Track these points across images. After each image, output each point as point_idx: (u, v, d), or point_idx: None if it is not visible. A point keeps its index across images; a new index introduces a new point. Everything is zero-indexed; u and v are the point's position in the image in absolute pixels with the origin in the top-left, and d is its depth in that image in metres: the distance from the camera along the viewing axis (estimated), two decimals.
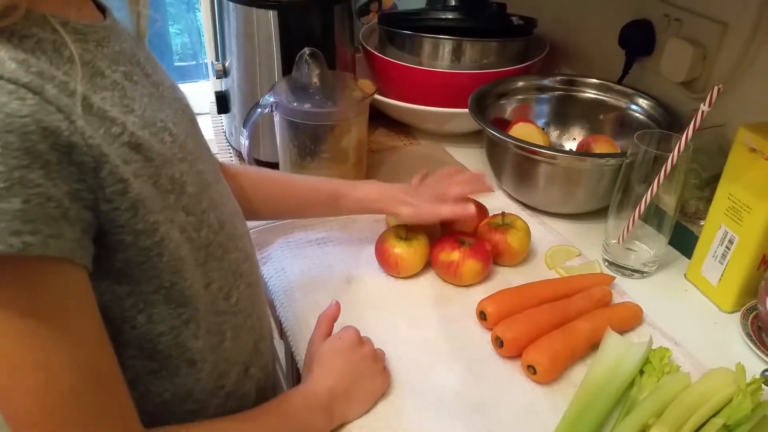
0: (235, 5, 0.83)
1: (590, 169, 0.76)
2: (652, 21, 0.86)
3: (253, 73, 0.88)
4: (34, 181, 0.33)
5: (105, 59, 0.41)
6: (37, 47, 0.36)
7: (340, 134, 0.82)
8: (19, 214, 0.32)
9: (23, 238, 0.32)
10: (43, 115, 0.33)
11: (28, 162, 0.32)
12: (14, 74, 0.33)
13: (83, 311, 0.38)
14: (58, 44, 0.37)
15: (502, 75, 0.93)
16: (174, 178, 0.43)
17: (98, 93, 0.39)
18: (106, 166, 0.37)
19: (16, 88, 0.33)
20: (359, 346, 0.57)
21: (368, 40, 1.05)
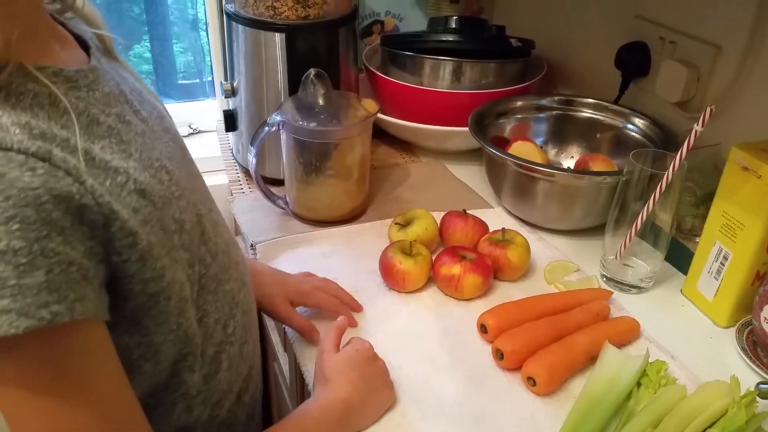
0: (244, 28, 0.86)
1: (587, 186, 0.78)
2: (647, 43, 0.89)
3: (260, 92, 0.90)
4: (54, 250, 0.33)
5: (98, 104, 0.41)
6: (35, 103, 0.36)
7: (344, 152, 0.85)
8: (44, 285, 0.33)
9: (51, 308, 0.33)
10: (54, 183, 0.34)
11: (46, 232, 0.33)
12: (22, 144, 0.33)
13: (107, 361, 0.39)
14: (53, 97, 0.37)
15: (501, 95, 0.96)
16: (175, 218, 0.43)
17: (97, 143, 0.39)
18: (116, 222, 0.37)
19: (26, 158, 0.33)
20: (374, 360, 0.59)
21: (371, 60, 1.07)
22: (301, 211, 0.87)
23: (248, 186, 0.98)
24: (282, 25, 0.84)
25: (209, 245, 0.49)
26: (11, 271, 0.32)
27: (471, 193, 0.94)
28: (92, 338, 0.37)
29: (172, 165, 0.46)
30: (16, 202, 0.32)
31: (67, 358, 0.36)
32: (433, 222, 0.80)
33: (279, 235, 0.84)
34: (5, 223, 0.32)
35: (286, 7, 0.83)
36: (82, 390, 0.37)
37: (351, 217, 0.87)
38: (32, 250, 0.32)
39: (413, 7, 1.16)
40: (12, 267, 0.32)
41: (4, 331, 0.32)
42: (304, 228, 0.86)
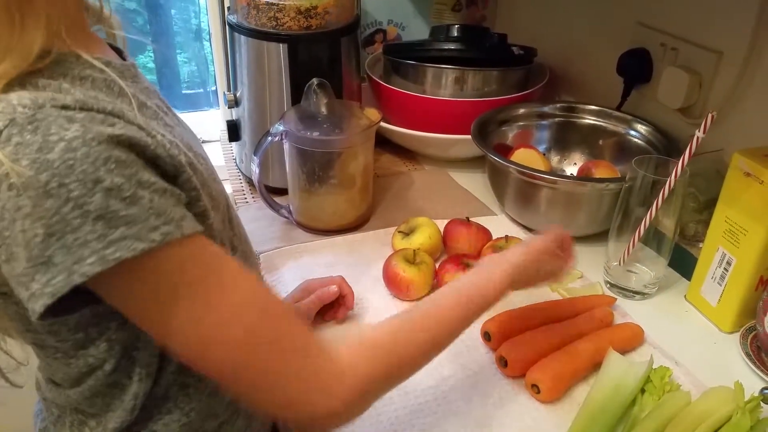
0: (247, 38, 0.87)
1: (590, 193, 0.79)
2: (649, 50, 0.89)
3: (264, 102, 0.91)
4: (149, 180, 0.37)
5: (142, 93, 0.46)
6: (94, 86, 0.41)
7: (347, 161, 0.85)
8: (151, 211, 0.37)
9: (161, 229, 0.37)
10: (133, 132, 0.38)
11: (137, 168, 0.37)
12: (100, 104, 0.38)
13: (228, 262, 0.41)
14: (108, 82, 0.42)
15: (503, 102, 0.96)
16: (213, 195, 0.47)
17: (150, 121, 0.43)
18: (183, 174, 0.41)
19: (105, 117, 0.37)
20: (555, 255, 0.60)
21: (373, 69, 1.08)
22: (305, 220, 0.88)
23: (252, 196, 0.98)
24: (284, 35, 0.85)
25: (236, 231, 0.53)
26: (120, 204, 0.36)
27: (474, 201, 0.94)
28: (207, 246, 0.41)
29: (203, 158, 0.50)
30: (108, 146, 0.36)
31: (199, 265, 0.39)
32: (436, 230, 0.80)
33: (282, 244, 0.84)
34: (104, 164, 0.35)
35: (288, 17, 0.84)
36: (219, 283, 0.40)
37: (354, 226, 0.88)
38: (131, 183, 0.36)
39: (415, 15, 1.16)
40: (119, 200, 0.36)
41: (124, 255, 0.36)
42: (308, 237, 0.86)
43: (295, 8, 0.84)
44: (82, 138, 0.35)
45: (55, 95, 0.37)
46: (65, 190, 0.34)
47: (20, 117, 0.35)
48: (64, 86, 0.39)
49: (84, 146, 0.35)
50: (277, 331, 0.41)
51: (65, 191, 0.34)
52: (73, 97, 0.37)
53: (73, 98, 0.37)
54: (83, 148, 0.35)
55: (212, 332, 0.39)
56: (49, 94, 0.37)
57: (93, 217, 0.35)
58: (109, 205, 0.35)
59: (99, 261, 0.35)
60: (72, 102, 0.37)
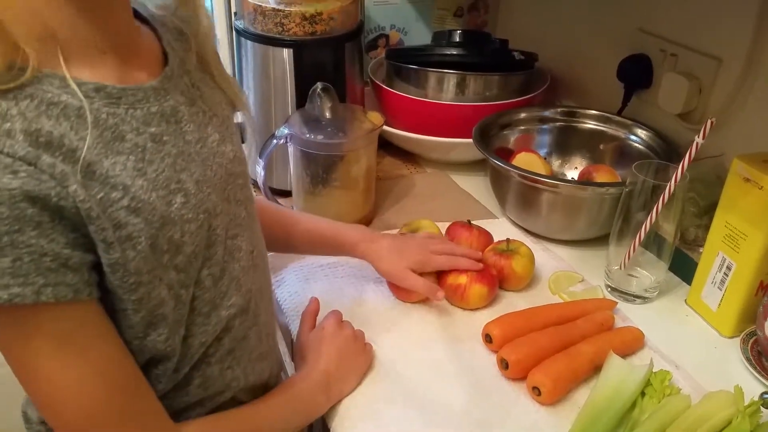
0: (253, 44, 0.88)
1: (591, 197, 0.79)
2: (649, 56, 0.90)
3: (269, 106, 0.92)
4: (25, 242, 0.37)
5: (133, 121, 0.43)
6: (62, 114, 0.39)
7: (350, 163, 0.86)
8: (8, 270, 0.37)
9: (11, 290, 0.37)
10: (33, 185, 0.37)
11: (18, 227, 0.36)
12: (13, 148, 0.36)
13: (98, 333, 0.42)
14: (83, 110, 0.40)
15: (504, 107, 0.97)
16: (173, 239, 0.44)
17: (110, 158, 0.41)
18: (91, 225, 0.39)
19: (12, 161, 0.36)
20: (340, 330, 0.65)
21: (376, 73, 1.09)
22: None
23: (256, 196, 0.99)
24: (290, 40, 0.86)
25: (213, 270, 0.49)
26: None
27: (475, 204, 0.95)
28: (79, 314, 0.41)
29: (198, 189, 0.47)
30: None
31: (54, 330, 0.40)
32: (438, 232, 0.81)
33: None
34: None
35: (293, 23, 0.85)
36: (73, 352, 0.41)
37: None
38: (1, 240, 0.36)
39: (417, 20, 1.17)
40: None
41: None
42: None
43: (301, 14, 0.85)
44: None
45: None
46: None
47: None
48: (12, 112, 0.37)
49: None
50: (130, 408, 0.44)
51: None
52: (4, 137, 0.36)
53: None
54: None
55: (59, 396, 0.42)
56: None
57: None
58: None
59: None
60: None
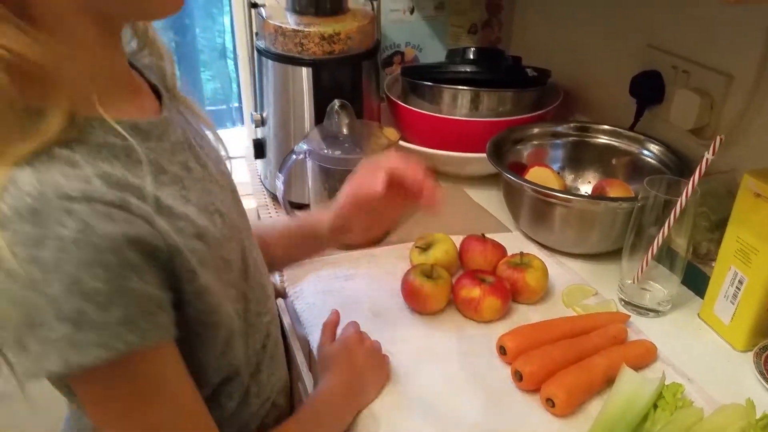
0: (274, 63, 0.91)
1: (604, 211, 0.81)
2: (661, 72, 0.91)
3: (288, 122, 0.94)
4: (130, 288, 0.38)
5: (165, 153, 0.45)
6: (112, 155, 0.40)
7: None
8: (120, 320, 0.37)
9: (127, 338, 0.38)
10: (131, 229, 0.38)
11: (125, 274, 0.37)
12: (104, 195, 0.37)
13: (181, 370, 0.44)
14: (128, 149, 0.41)
15: (518, 122, 0.99)
16: (224, 258, 0.47)
17: (163, 190, 0.42)
18: (178, 259, 0.41)
19: (107, 208, 0.37)
20: (361, 343, 0.66)
21: (392, 89, 1.11)
22: None
23: (275, 210, 1.02)
24: (309, 60, 0.89)
25: (250, 282, 0.53)
26: (93, 308, 0.36)
27: (489, 217, 0.97)
28: (167, 356, 0.42)
29: (225, 208, 0.50)
30: (98, 249, 0.36)
31: (145, 375, 0.41)
32: (452, 245, 0.82)
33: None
34: (89, 268, 0.36)
35: (313, 43, 0.88)
36: (160, 398, 0.42)
37: (373, 241, 0.90)
38: (111, 291, 0.37)
39: (432, 38, 1.20)
40: (94, 306, 0.36)
41: (90, 362, 0.37)
42: (328, 251, 0.89)
43: (320, 34, 0.88)
44: (77, 240, 0.36)
45: (59, 181, 0.36)
46: (47, 287, 0.35)
47: (22, 206, 0.35)
48: (76, 159, 0.38)
49: (75, 248, 0.35)
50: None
51: (47, 288, 0.35)
52: (79, 182, 0.37)
53: (79, 186, 0.37)
54: (74, 250, 0.35)
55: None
56: (54, 177, 0.36)
57: (64, 318, 0.36)
58: (83, 309, 0.36)
59: (62, 363, 0.36)
60: (76, 192, 0.37)
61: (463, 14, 1.19)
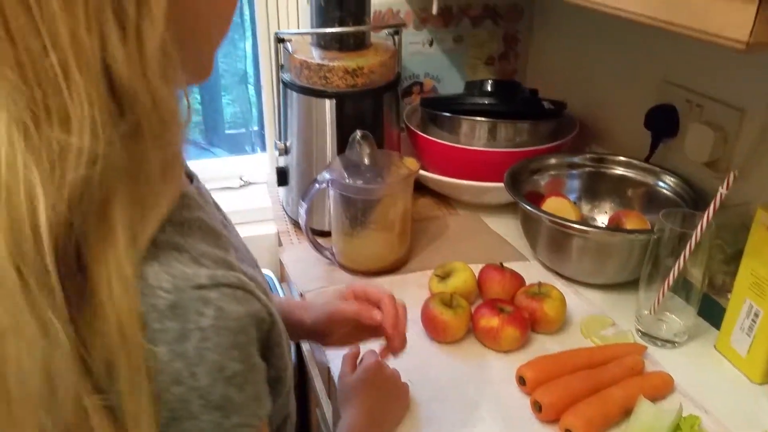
0: (298, 95, 0.94)
1: (620, 243, 0.82)
2: (675, 105, 0.93)
3: (311, 151, 0.98)
4: (256, 365, 0.39)
5: (214, 218, 0.44)
6: (193, 231, 0.39)
7: (387, 207, 0.91)
8: (252, 397, 0.38)
9: (259, 413, 0.39)
10: (251, 306, 0.38)
11: (252, 351, 0.38)
12: (224, 278, 0.37)
13: None
14: (199, 221, 0.41)
15: (534, 153, 1.01)
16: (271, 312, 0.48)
17: (230, 252, 0.41)
18: (276, 326, 0.41)
19: (232, 291, 0.37)
20: (381, 372, 0.67)
21: (411, 119, 1.14)
22: (347, 262, 0.93)
23: (296, 237, 1.04)
24: (333, 92, 0.92)
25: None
26: (235, 391, 0.37)
27: (507, 246, 0.98)
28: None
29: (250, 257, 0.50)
30: (233, 331, 0.37)
31: None
32: (471, 274, 0.84)
33: (326, 284, 0.90)
34: (228, 352, 0.36)
35: (336, 77, 0.91)
36: None
37: (393, 268, 0.93)
38: (245, 370, 0.38)
39: (450, 69, 1.23)
40: (235, 387, 0.37)
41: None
42: (350, 279, 0.91)
43: (343, 68, 0.91)
44: (216, 326, 0.36)
45: (185, 270, 0.36)
46: (193, 379, 0.35)
47: (161, 303, 0.35)
48: (177, 241, 0.37)
49: (216, 335, 0.36)
50: None
51: (192, 380, 0.35)
52: (198, 267, 0.37)
53: (203, 272, 0.37)
54: (215, 337, 0.36)
55: None
56: (179, 268, 0.36)
57: (212, 406, 0.36)
58: (228, 394, 0.36)
59: None
60: (204, 279, 0.37)
61: (481, 47, 1.23)
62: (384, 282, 0.89)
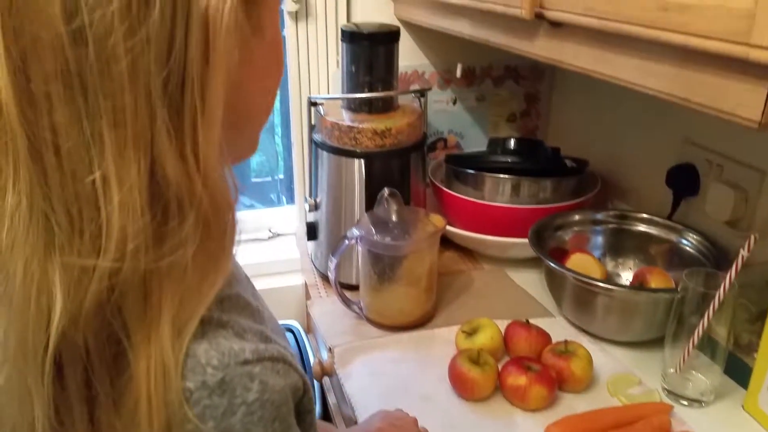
0: (329, 154, 0.99)
1: (645, 301, 0.83)
2: (695, 165, 0.95)
3: (340, 208, 1.02)
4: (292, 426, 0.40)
5: (248, 292, 0.45)
6: (232, 306, 0.41)
7: (414, 263, 0.93)
8: None
9: None
10: (290, 378, 0.40)
11: (291, 421, 0.40)
12: (266, 352, 0.39)
13: None
14: (235, 295, 0.42)
15: (558, 209, 1.03)
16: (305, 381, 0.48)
17: (266, 326, 0.43)
18: (307, 393, 0.42)
19: (273, 364, 0.39)
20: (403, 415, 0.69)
21: (436, 174, 1.18)
22: (375, 316, 0.96)
23: (324, 290, 1.07)
24: (362, 152, 0.97)
25: None
26: None
27: (532, 301, 1.00)
28: None
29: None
30: (276, 404, 0.38)
31: None
32: (498, 331, 0.86)
33: (353, 338, 0.92)
34: (271, 424, 0.38)
35: (366, 138, 0.96)
36: None
37: (420, 323, 0.95)
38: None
39: (473, 126, 1.27)
40: None
41: None
42: (377, 333, 0.93)
43: (372, 130, 0.96)
44: (260, 400, 0.37)
45: (232, 346, 0.38)
46: None
47: (210, 380, 0.36)
48: (221, 318, 0.39)
49: (260, 409, 0.37)
50: None
51: None
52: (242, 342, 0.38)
53: (247, 347, 0.38)
54: (259, 411, 0.37)
55: None
56: (225, 344, 0.37)
57: None
58: None
59: None
60: (249, 354, 0.38)
61: (503, 105, 1.27)
62: (411, 338, 0.91)
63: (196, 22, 0.33)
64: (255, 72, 0.40)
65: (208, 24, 0.33)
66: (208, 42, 0.33)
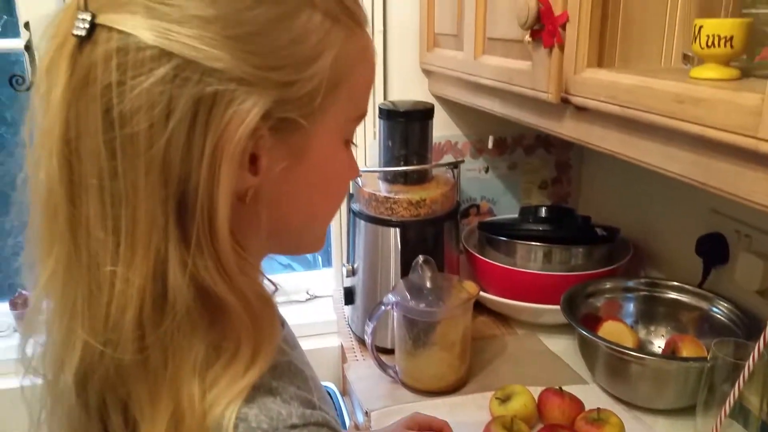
0: (366, 223, 1.05)
1: (677, 370, 0.84)
2: (724, 234, 0.98)
3: (376, 273, 1.06)
4: None
5: (300, 360, 0.48)
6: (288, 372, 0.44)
7: (448, 328, 0.97)
8: None
9: None
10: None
11: None
12: (312, 417, 0.41)
13: None
14: (289, 363, 0.45)
15: (589, 277, 1.06)
16: None
17: (313, 394, 0.45)
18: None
19: (318, 429, 0.41)
20: None
21: (468, 240, 1.22)
22: (409, 380, 0.98)
23: (361, 353, 1.11)
24: (397, 222, 1.02)
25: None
26: None
27: (565, 368, 1.01)
28: None
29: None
30: None
31: None
32: (531, 398, 0.87)
33: (389, 403, 0.94)
34: None
35: (401, 207, 1.02)
36: None
37: (454, 388, 0.97)
38: None
39: (505, 193, 1.32)
40: None
41: None
42: (412, 397, 0.96)
43: (407, 200, 1.02)
44: None
45: (281, 412, 0.40)
46: None
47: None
48: (272, 385, 0.41)
49: None
50: None
51: None
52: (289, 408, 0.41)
53: (294, 412, 0.41)
54: None
55: None
56: (275, 410, 0.40)
57: None
58: None
59: None
60: (297, 419, 0.40)
61: (534, 172, 1.32)
62: (445, 404, 0.93)
63: (209, 147, 0.37)
64: (295, 190, 0.44)
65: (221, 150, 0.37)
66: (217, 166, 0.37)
